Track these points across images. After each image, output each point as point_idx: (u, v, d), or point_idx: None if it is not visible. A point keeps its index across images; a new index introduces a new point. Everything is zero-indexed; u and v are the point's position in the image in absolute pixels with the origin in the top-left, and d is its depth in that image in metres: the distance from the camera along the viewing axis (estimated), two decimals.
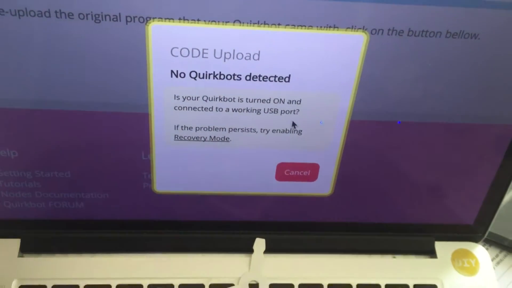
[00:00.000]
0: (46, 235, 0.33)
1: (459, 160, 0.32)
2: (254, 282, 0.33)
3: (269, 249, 0.34)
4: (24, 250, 0.33)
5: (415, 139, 0.31)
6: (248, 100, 0.28)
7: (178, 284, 0.32)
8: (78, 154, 0.30)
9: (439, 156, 0.32)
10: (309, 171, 0.32)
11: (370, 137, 0.31)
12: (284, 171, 0.32)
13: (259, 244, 0.34)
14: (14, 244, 0.33)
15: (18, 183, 0.31)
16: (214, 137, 0.30)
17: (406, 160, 0.32)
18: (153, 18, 0.25)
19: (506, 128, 0.31)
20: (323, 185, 0.33)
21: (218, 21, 0.25)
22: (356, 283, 0.33)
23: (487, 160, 0.32)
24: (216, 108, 0.28)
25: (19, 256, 0.32)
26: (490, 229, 0.35)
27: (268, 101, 0.28)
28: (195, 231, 0.34)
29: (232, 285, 0.32)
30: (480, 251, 0.36)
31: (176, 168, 0.31)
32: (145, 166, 0.31)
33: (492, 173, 0.33)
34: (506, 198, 0.34)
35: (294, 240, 0.35)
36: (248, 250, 0.34)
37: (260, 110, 0.29)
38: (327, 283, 0.33)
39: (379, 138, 0.31)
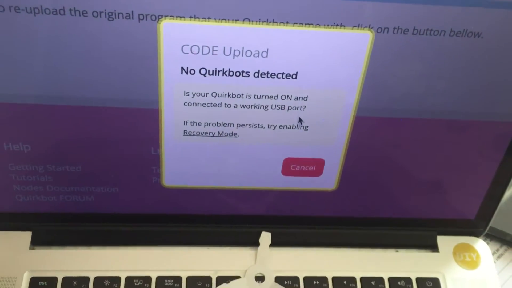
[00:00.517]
0: (57, 228, 0.34)
1: (461, 156, 0.33)
2: (260, 275, 0.33)
3: (274, 243, 0.34)
4: (35, 242, 0.33)
5: (418, 136, 0.31)
6: (256, 97, 0.29)
7: (186, 277, 0.33)
8: (89, 148, 0.30)
9: (442, 152, 0.32)
10: (315, 166, 0.32)
11: (374, 133, 0.31)
12: (290, 166, 0.32)
13: (265, 237, 0.34)
14: (26, 236, 0.33)
15: (30, 176, 0.31)
16: (223, 132, 0.30)
17: (409, 156, 0.32)
18: (165, 16, 0.25)
19: (508, 125, 0.31)
20: (328, 180, 0.33)
21: (228, 19, 0.26)
22: (359, 276, 0.34)
23: (489, 156, 0.33)
24: (225, 104, 0.29)
25: (30, 248, 0.33)
26: (491, 224, 0.36)
27: (276, 97, 0.29)
28: (203, 225, 0.35)
29: (239, 277, 0.33)
30: (481, 246, 0.36)
31: (185, 163, 0.31)
32: (155, 161, 0.31)
33: (493, 169, 0.33)
34: (507, 193, 0.34)
35: (299, 234, 0.35)
36: (254, 243, 0.34)
37: (267, 106, 0.29)
38: (332, 276, 0.34)
39: (384, 134, 0.31)
